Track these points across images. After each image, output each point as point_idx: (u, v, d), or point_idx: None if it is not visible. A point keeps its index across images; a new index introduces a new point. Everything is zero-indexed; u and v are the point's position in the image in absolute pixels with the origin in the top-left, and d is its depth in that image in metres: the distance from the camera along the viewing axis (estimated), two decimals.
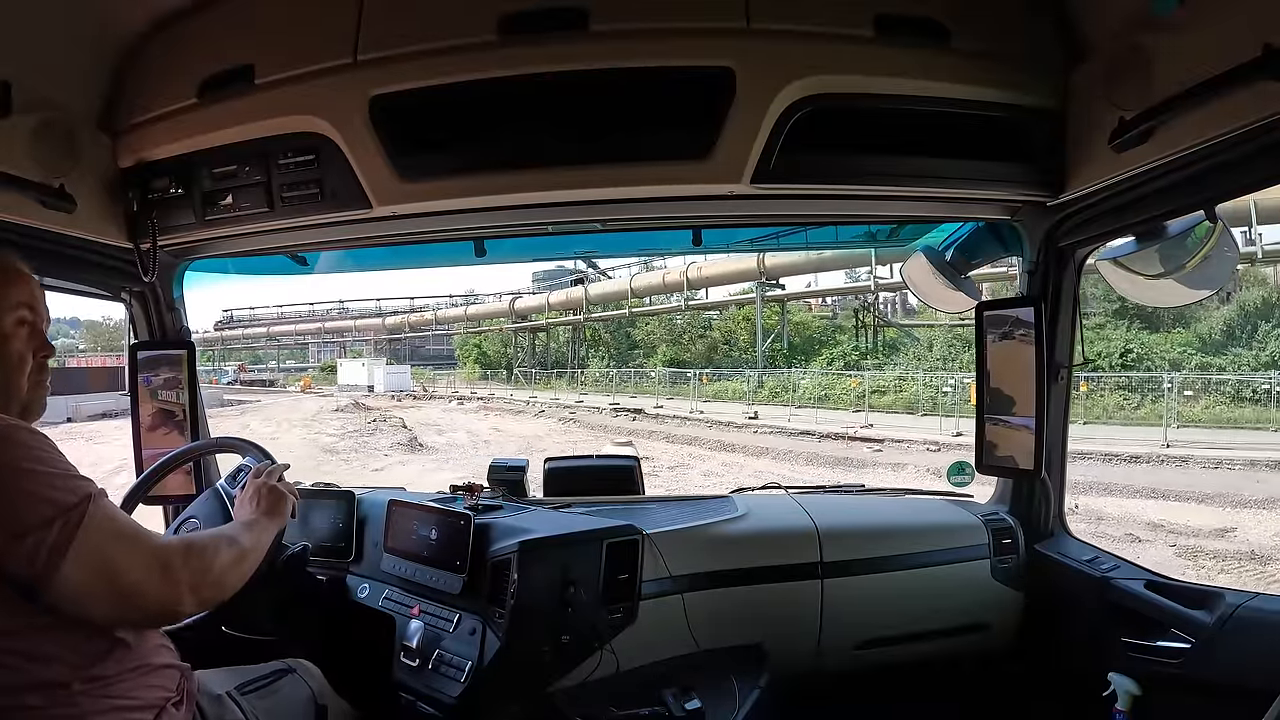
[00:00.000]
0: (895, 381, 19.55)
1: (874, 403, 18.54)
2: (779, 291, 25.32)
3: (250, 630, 1.66)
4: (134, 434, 2.13)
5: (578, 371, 29.98)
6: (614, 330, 31.16)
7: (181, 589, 1.01)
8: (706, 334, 28.34)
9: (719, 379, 23.66)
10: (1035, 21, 1.55)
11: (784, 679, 1.88)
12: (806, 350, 24.67)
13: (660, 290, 27.51)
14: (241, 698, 1.30)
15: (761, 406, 19.69)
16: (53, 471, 0.93)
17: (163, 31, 1.66)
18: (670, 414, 20.10)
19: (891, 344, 23.92)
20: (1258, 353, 16.89)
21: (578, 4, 1.45)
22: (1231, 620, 1.50)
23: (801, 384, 20.85)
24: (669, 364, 25.90)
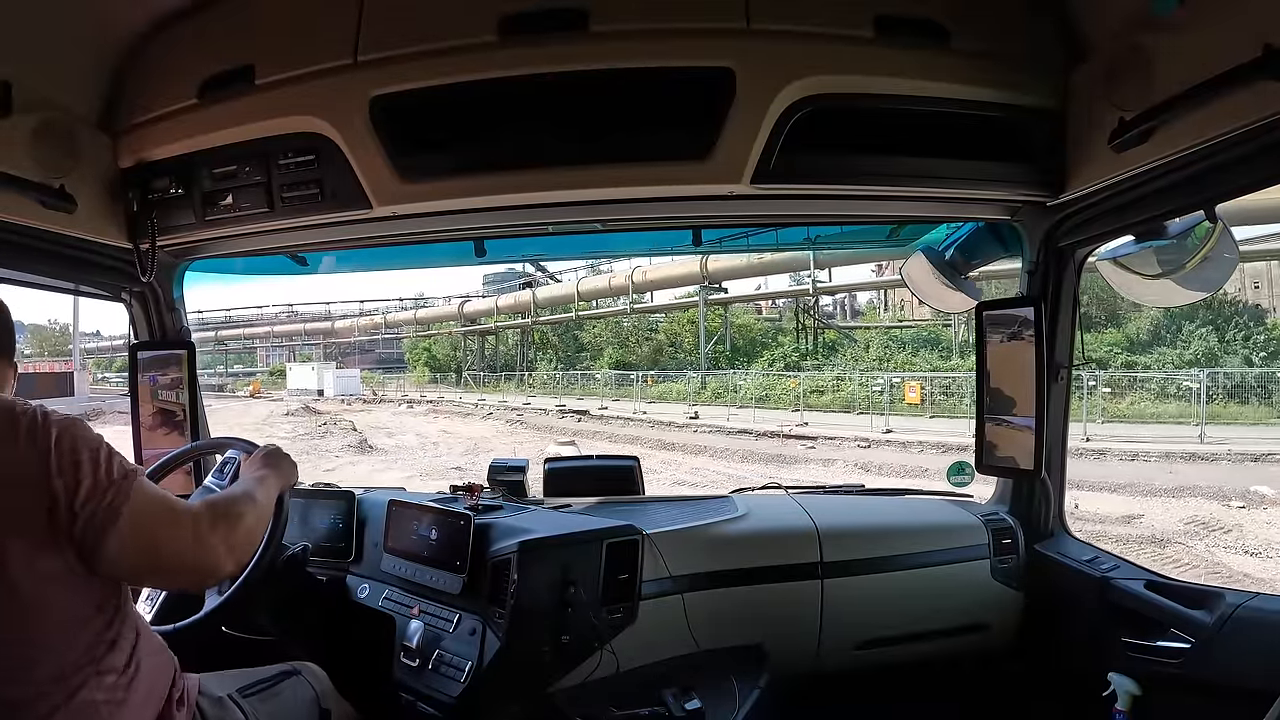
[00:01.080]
0: (833, 381, 20.21)
1: (812, 402, 19.16)
2: (722, 295, 25.89)
3: (250, 631, 1.66)
4: (134, 434, 2.13)
5: (526, 374, 30.29)
6: (562, 333, 31.48)
7: (218, 551, 1.09)
8: (652, 336, 28.84)
9: (663, 380, 24.19)
10: (1035, 21, 1.55)
11: (784, 679, 1.88)
12: (749, 352, 25.22)
13: (607, 294, 27.89)
14: (244, 700, 1.30)
15: (704, 407, 20.14)
16: (108, 452, 1.03)
17: (163, 31, 1.66)
18: (614, 415, 20.58)
19: (831, 345, 24.61)
20: (1181, 351, 17.57)
21: (578, 4, 1.45)
22: (1231, 620, 1.50)
23: (743, 385, 21.41)
24: (615, 366, 26.30)
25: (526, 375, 30.13)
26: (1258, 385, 15.31)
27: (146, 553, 1.02)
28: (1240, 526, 8.53)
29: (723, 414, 18.90)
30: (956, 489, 2.28)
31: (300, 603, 1.73)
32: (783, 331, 26.57)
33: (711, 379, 22.88)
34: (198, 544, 1.08)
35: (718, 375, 23.00)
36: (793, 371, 21.61)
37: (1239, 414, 14.78)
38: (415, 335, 37.69)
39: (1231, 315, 17.88)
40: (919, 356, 21.22)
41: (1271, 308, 19.60)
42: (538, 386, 28.29)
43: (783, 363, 23.02)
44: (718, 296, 25.65)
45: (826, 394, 19.77)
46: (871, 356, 21.75)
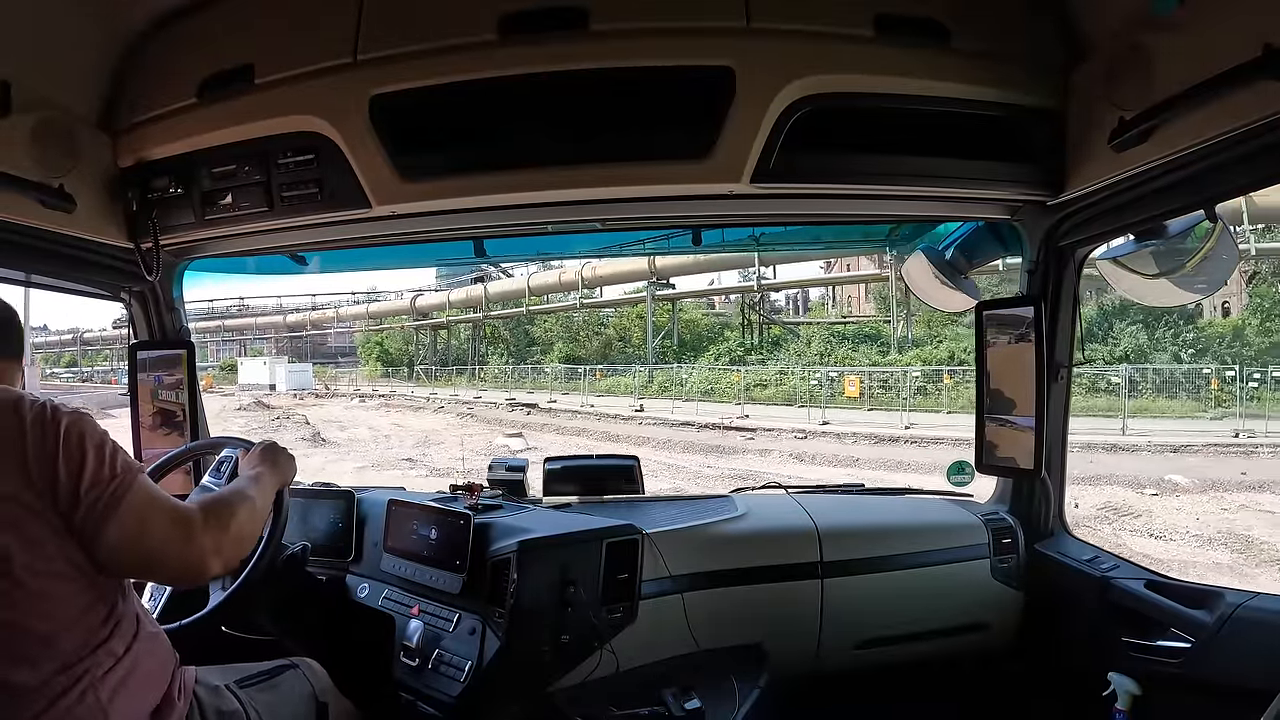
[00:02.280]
0: (776, 375, 20.70)
1: (756, 395, 19.65)
2: (669, 290, 26.30)
3: (250, 630, 1.66)
4: (133, 434, 2.13)
5: (478, 368, 30.46)
6: (513, 328, 31.70)
7: (205, 552, 1.11)
8: (602, 331, 29.18)
9: (612, 375, 24.56)
10: (1035, 21, 1.55)
11: (784, 679, 1.88)
12: (696, 346, 25.70)
13: (557, 289, 28.12)
14: (241, 690, 1.30)
15: (650, 400, 20.68)
16: (113, 446, 1.07)
17: (163, 31, 1.66)
18: (563, 408, 21.03)
19: (775, 340, 25.08)
20: (1112, 348, 18.10)
21: (578, 4, 1.45)
22: (1231, 620, 1.50)
23: (689, 379, 21.92)
24: (565, 360, 26.62)
25: (478, 369, 30.34)
26: (1186, 381, 16.00)
27: (139, 548, 1.05)
28: (1150, 512, 9.07)
29: (668, 407, 19.50)
30: (956, 489, 2.28)
31: (300, 602, 1.73)
32: (729, 327, 27.11)
33: (659, 373, 23.41)
34: (186, 544, 1.09)
35: (665, 369, 23.57)
36: (738, 366, 22.09)
37: (1167, 408, 15.47)
38: (367, 329, 37.61)
39: (1161, 314, 18.25)
40: (859, 351, 21.83)
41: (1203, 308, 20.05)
42: (489, 380, 28.51)
43: (728, 357, 23.53)
44: (665, 292, 26.14)
45: (770, 387, 20.29)
46: (813, 351, 22.42)
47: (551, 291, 28.65)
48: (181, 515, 1.10)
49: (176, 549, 1.08)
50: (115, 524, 1.01)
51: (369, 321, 37.40)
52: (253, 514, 1.25)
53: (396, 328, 36.14)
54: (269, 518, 1.54)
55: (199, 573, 1.13)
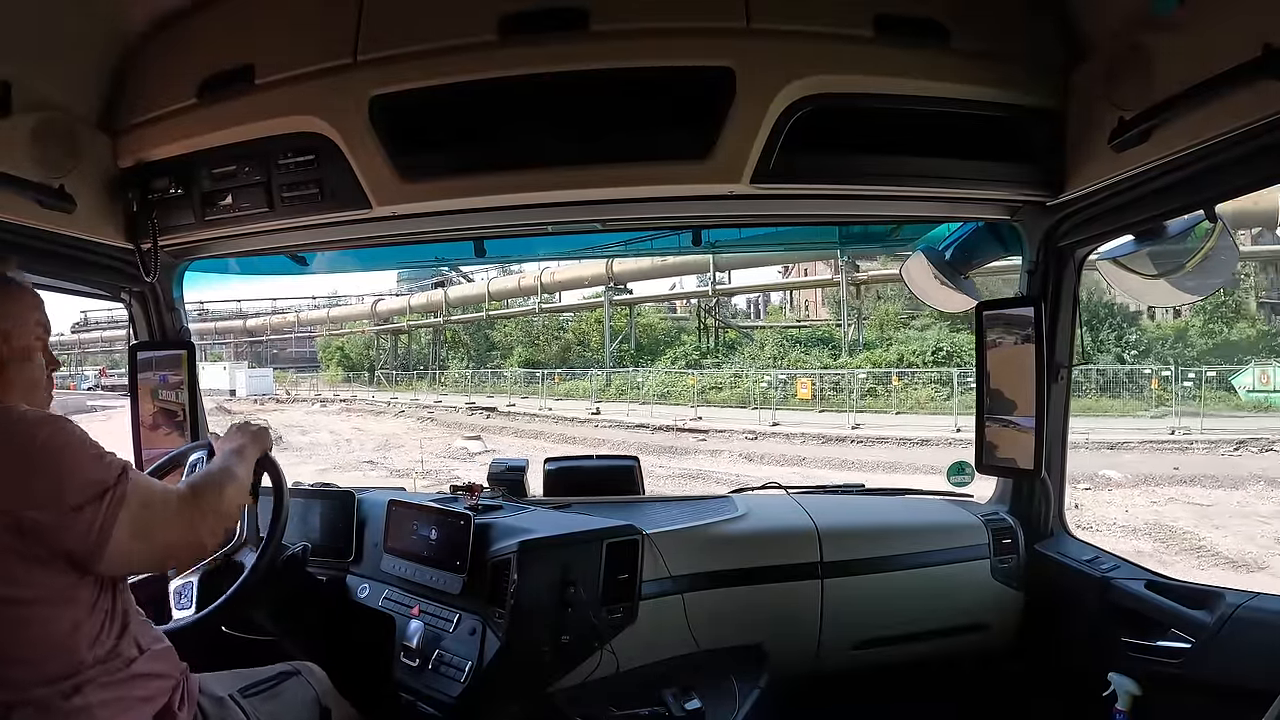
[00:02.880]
0: (731, 379, 21.18)
1: (710, 398, 20.20)
2: (626, 295, 26.72)
3: (250, 630, 1.66)
4: (134, 434, 2.13)
5: (438, 373, 30.64)
6: (473, 332, 31.87)
7: (203, 532, 1.14)
8: (561, 336, 29.46)
9: (570, 378, 24.85)
10: (1035, 21, 1.55)
11: (784, 679, 1.88)
12: (653, 350, 26.10)
13: (517, 294, 28.41)
14: (244, 700, 1.30)
15: (608, 403, 21.08)
16: (94, 452, 1.04)
17: (163, 31, 1.66)
18: (522, 411, 21.43)
19: (731, 344, 25.56)
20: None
21: (578, 4, 1.45)
22: (1231, 620, 1.50)
23: (645, 382, 22.39)
24: (525, 365, 26.91)
25: (438, 374, 30.49)
26: (1129, 381, 16.76)
27: (146, 545, 1.06)
28: (1081, 505, 9.36)
29: (625, 410, 20.00)
30: (956, 489, 2.28)
31: (300, 603, 1.73)
32: (686, 331, 27.57)
33: (616, 377, 23.73)
34: (189, 528, 1.12)
35: (622, 373, 23.92)
36: (693, 369, 22.60)
37: (1109, 407, 16.13)
38: (328, 334, 37.40)
39: (1105, 316, 19.11)
40: (811, 354, 22.32)
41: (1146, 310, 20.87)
42: (449, 385, 28.67)
43: (684, 361, 23.97)
44: (622, 297, 26.52)
45: (725, 390, 20.76)
46: (767, 355, 22.87)
47: (511, 296, 28.92)
48: (177, 500, 1.12)
49: (182, 535, 1.12)
50: (118, 535, 1.00)
51: (330, 326, 37.25)
52: (240, 489, 1.29)
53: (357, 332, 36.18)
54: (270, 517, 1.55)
55: (200, 555, 1.22)
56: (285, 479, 1.64)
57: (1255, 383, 15.94)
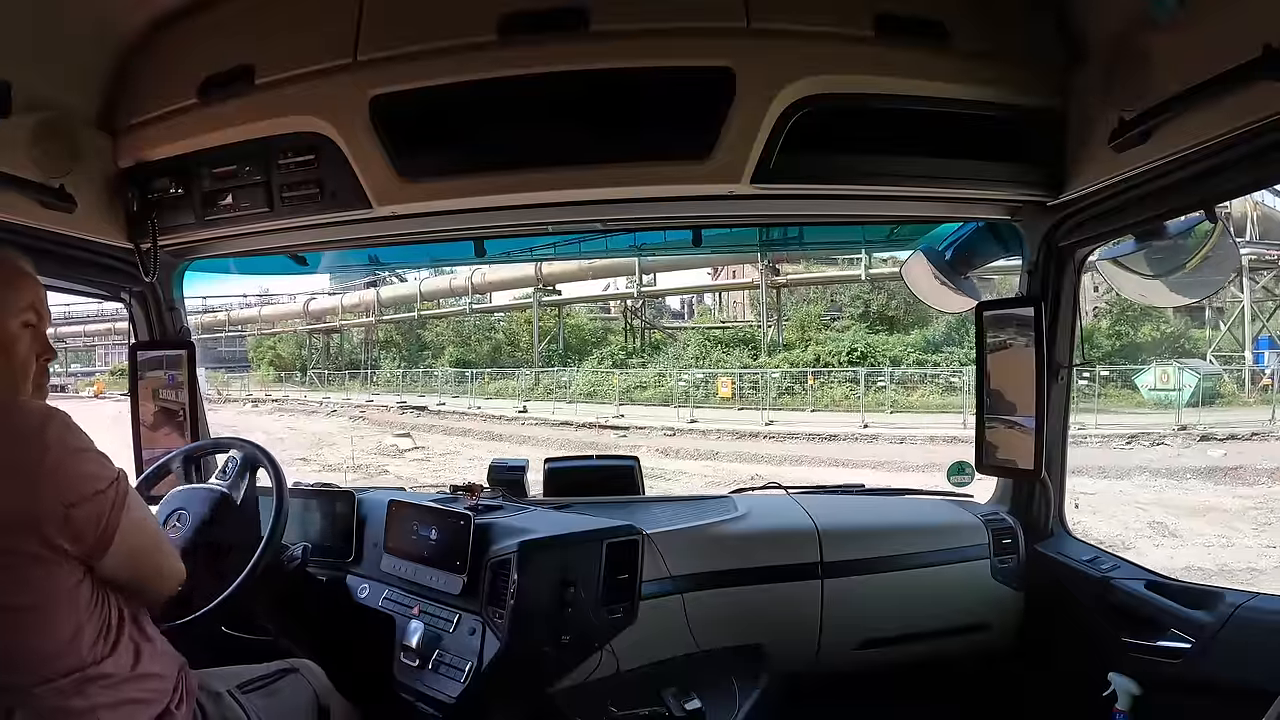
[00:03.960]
0: (655, 378, 21.83)
1: (636, 397, 20.83)
2: (556, 297, 27.02)
3: (250, 630, 1.66)
4: (134, 434, 2.13)
5: (370, 372, 30.63)
6: (405, 332, 31.79)
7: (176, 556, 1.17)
8: (491, 336, 29.71)
9: (500, 378, 25.27)
10: (1035, 21, 1.55)
11: (784, 679, 1.88)
12: (581, 350, 26.51)
13: (448, 294, 28.43)
14: (243, 696, 1.30)
15: (536, 402, 21.50)
16: (93, 451, 1.01)
17: (163, 31, 1.66)
18: (451, 410, 21.73)
19: (656, 345, 26.17)
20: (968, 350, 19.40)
21: (578, 4, 1.45)
22: (1231, 620, 1.50)
23: (573, 381, 22.81)
24: (456, 364, 27.04)
25: (371, 374, 30.47)
26: None
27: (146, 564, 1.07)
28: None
29: (551, 408, 20.43)
30: (956, 489, 2.28)
31: (300, 603, 1.73)
32: (614, 331, 28.04)
33: (545, 376, 24.12)
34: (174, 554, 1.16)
35: (551, 373, 24.29)
36: (619, 369, 23.07)
37: None
38: (260, 333, 36.75)
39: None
40: (732, 355, 22.71)
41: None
42: (381, 385, 28.65)
43: (611, 361, 24.40)
44: (551, 298, 26.80)
45: (649, 389, 21.32)
46: (690, 355, 23.46)
47: (443, 296, 28.92)
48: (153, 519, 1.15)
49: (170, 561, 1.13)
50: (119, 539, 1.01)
51: (261, 325, 36.61)
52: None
53: (289, 331, 35.78)
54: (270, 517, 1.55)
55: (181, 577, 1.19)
56: (285, 479, 1.65)
57: (1156, 381, 17.08)
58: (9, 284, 1.08)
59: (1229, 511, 9.58)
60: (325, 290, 33.23)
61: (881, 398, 18.01)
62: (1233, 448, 12.79)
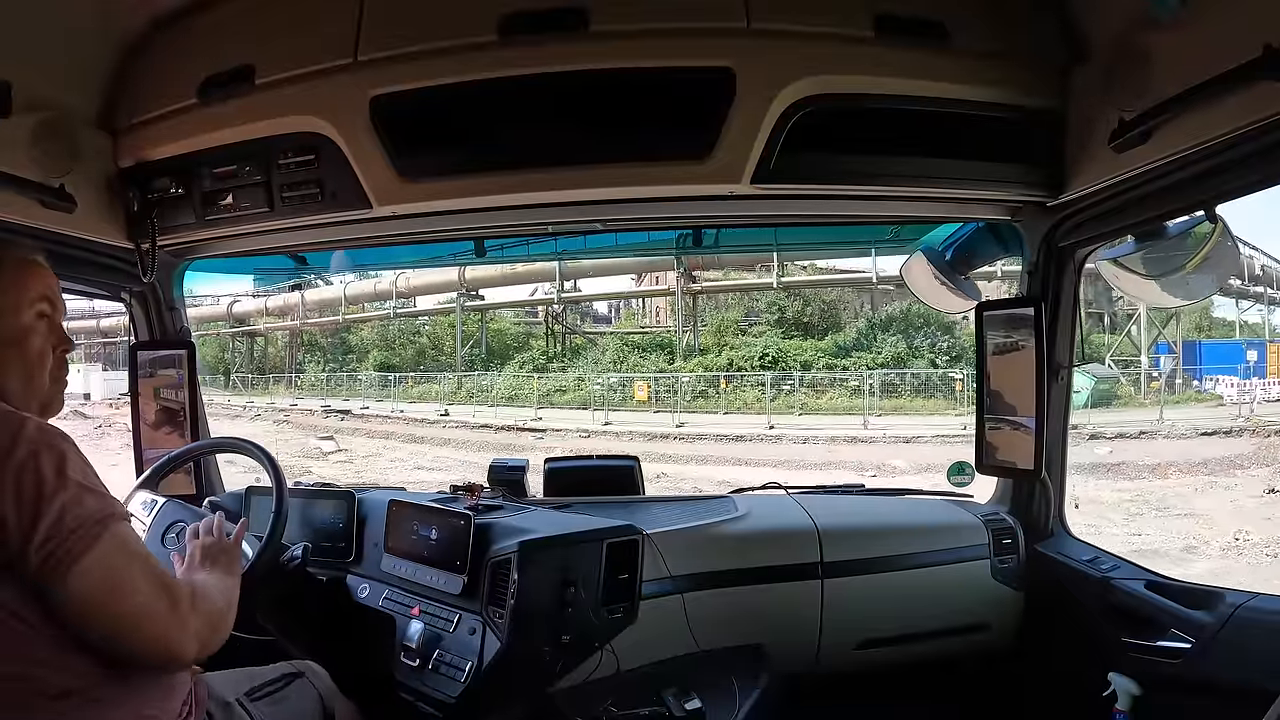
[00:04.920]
0: (575, 382, 22.58)
1: (555, 400, 21.63)
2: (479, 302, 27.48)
3: (250, 630, 1.66)
4: (134, 434, 2.14)
5: (295, 376, 30.59)
6: (330, 336, 31.73)
7: (189, 632, 0.99)
8: (416, 340, 29.81)
9: (424, 381, 25.56)
10: (1035, 21, 1.55)
11: (784, 679, 1.88)
12: (504, 355, 27.01)
13: (373, 298, 28.50)
14: (251, 704, 1.29)
15: (459, 406, 22.04)
16: (84, 484, 0.92)
17: (163, 31, 1.66)
18: (375, 414, 22.15)
19: (576, 349, 26.81)
20: (875, 355, 21.17)
21: (578, 4, 1.45)
22: (1231, 620, 1.50)
23: (495, 385, 23.37)
24: (380, 368, 27.23)
25: (295, 377, 30.38)
26: (942, 383, 18.99)
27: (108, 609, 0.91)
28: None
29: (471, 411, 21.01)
30: (956, 489, 2.28)
31: (300, 603, 1.73)
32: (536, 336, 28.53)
33: (467, 380, 24.55)
34: (175, 617, 0.97)
35: (473, 376, 24.76)
36: (540, 373, 23.70)
37: (922, 406, 18.34)
38: None
39: (920, 325, 21.54)
40: (648, 359, 23.57)
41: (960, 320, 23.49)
42: (306, 388, 28.66)
43: (532, 365, 24.85)
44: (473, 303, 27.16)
45: (568, 393, 22.05)
46: (608, 359, 24.11)
47: (368, 300, 28.89)
48: (167, 580, 0.98)
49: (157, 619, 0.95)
50: (76, 578, 0.87)
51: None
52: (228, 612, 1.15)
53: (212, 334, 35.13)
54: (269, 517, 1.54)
55: (177, 653, 0.98)
56: (285, 479, 1.65)
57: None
58: (20, 274, 1.05)
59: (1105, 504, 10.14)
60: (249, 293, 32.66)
61: (792, 400, 19.11)
62: (1119, 445, 13.82)
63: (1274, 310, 23.32)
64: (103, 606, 0.90)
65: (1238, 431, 13.99)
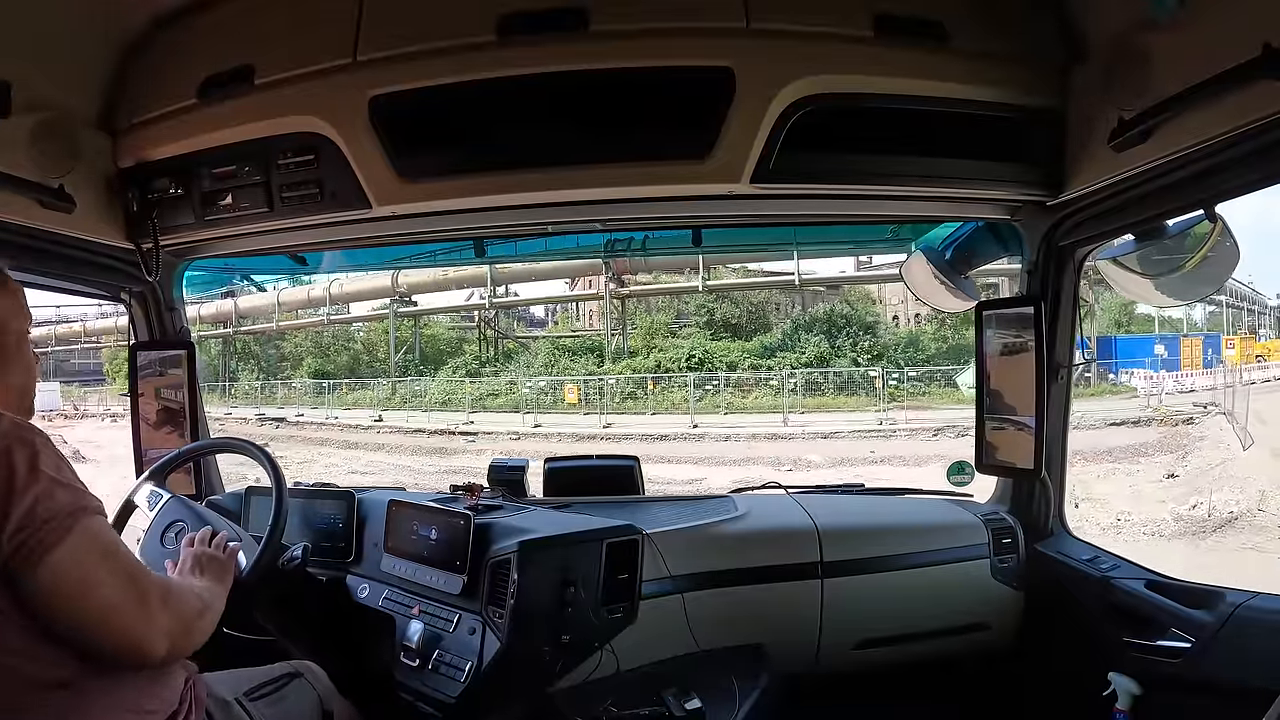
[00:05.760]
0: (506, 385, 23.11)
1: (488, 404, 21.93)
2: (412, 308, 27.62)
3: (250, 630, 1.66)
4: (134, 434, 2.14)
5: (228, 384, 30.38)
6: (264, 343, 31.56)
7: (157, 629, 0.98)
8: (350, 346, 29.89)
9: (359, 388, 25.64)
10: (1035, 21, 1.55)
11: (784, 679, 1.88)
12: (437, 360, 27.17)
13: (306, 305, 28.29)
14: (250, 704, 1.29)
15: (393, 411, 22.15)
16: (56, 479, 0.93)
17: (163, 31, 1.66)
18: (310, 421, 22.36)
19: (508, 354, 27.30)
20: (799, 355, 21.75)
21: (578, 4, 1.45)
22: (1231, 620, 1.50)
23: (429, 390, 23.61)
24: (315, 375, 27.27)
25: (229, 385, 30.18)
26: (863, 380, 19.60)
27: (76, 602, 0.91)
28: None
29: (405, 417, 21.19)
30: (956, 489, 2.28)
31: (300, 603, 1.73)
32: (469, 341, 28.80)
33: (401, 386, 24.72)
34: (143, 613, 0.96)
35: (407, 382, 24.91)
36: (472, 378, 23.92)
37: (844, 403, 18.91)
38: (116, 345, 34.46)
39: (843, 325, 22.46)
40: (578, 363, 23.86)
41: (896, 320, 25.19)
42: (240, 396, 28.51)
43: (465, 370, 25.10)
44: (407, 309, 27.22)
45: (501, 396, 22.43)
46: (540, 363, 24.54)
47: (301, 307, 28.63)
48: (138, 576, 0.98)
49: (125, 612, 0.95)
50: (45, 571, 0.88)
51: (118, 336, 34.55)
52: (203, 616, 1.15)
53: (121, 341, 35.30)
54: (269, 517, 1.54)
55: (144, 648, 0.96)
56: (285, 479, 1.65)
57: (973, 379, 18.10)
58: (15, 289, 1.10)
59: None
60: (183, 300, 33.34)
61: (718, 400, 19.49)
62: None
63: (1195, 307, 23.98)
64: (70, 599, 0.91)
65: (1145, 421, 14.57)
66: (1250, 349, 22.67)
